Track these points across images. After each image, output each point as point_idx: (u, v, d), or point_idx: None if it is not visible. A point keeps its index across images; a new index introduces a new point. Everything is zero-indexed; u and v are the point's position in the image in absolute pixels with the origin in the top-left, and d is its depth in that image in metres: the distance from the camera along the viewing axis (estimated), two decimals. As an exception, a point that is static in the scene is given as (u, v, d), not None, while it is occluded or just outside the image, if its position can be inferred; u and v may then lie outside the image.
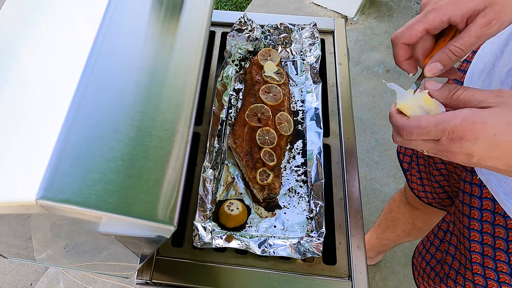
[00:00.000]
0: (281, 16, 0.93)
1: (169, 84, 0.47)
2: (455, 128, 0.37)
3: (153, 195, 0.38)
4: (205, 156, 0.72)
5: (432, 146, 0.40)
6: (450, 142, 0.38)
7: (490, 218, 0.57)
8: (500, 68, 0.53)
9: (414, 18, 0.46)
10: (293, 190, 0.73)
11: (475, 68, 0.63)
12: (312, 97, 0.82)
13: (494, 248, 0.57)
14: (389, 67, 1.96)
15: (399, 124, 0.42)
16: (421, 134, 0.40)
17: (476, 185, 0.59)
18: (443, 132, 0.38)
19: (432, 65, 0.45)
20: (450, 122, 0.37)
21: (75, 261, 0.66)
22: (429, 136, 0.39)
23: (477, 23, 0.41)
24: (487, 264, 0.59)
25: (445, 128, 0.38)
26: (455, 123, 0.37)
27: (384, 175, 1.64)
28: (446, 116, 0.38)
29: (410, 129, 0.40)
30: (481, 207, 0.58)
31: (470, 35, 0.42)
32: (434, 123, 0.38)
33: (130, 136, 0.40)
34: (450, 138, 0.38)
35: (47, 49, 0.45)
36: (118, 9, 0.49)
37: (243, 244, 0.64)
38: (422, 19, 0.44)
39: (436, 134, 0.38)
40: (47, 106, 0.40)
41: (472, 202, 0.60)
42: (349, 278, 0.63)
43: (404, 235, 1.16)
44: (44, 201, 0.33)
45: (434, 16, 0.43)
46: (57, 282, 1.38)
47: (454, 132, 0.37)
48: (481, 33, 0.41)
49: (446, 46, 0.44)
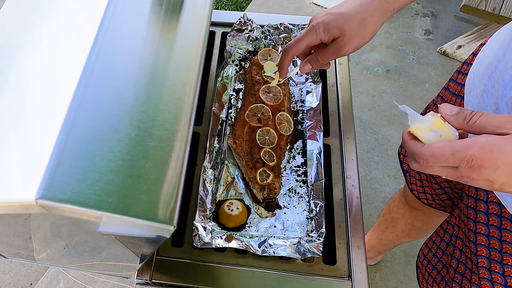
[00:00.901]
0: (281, 16, 0.93)
1: (169, 84, 0.47)
2: (473, 157, 0.36)
3: (152, 195, 0.38)
4: (205, 156, 0.72)
5: (451, 173, 0.40)
6: (469, 170, 0.38)
7: (497, 222, 0.57)
8: (502, 72, 0.53)
9: (300, 34, 0.68)
10: (293, 190, 0.73)
11: (476, 71, 0.63)
12: (312, 97, 0.82)
13: (502, 252, 0.57)
14: (389, 67, 1.96)
15: (414, 151, 0.41)
16: (437, 162, 0.39)
17: (481, 189, 0.59)
18: (461, 160, 0.37)
19: (306, 66, 0.66)
20: (467, 150, 0.37)
21: (75, 261, 0.66)
22: (447, 164, 0.39)
23: (333, 45, 0.62)
24: (494, 269, 0.58)
25: (462, 157, 0.37)
26: (472, 152, 0.36)
27: (384, 175, 1.64)
28: (462, 144, 0.37)
29: (426, 157, 0.40)
30: (487, 211, 0.58)
31: (328, 52, 0.63)
32: (451, 151, 0.38)
33: (130, 136, 0.40)
34: (468, 166, 0.37)
35: (47, 49, 0.45)
36: (118, 9, 0.49)
37: (243, 244, 0.64)
38: (304, 37, 0.63)
39: (454, 162, 0.38)
40: (47, 106, 0.40)
41: (478, 206, 0.59)
42: (349, 278, 0.63)
43: (403, 235, 1.15)
44: (44, 201, 0.33)
45: (313, 36, 0.62)
46: (57, 282, 1.38)
47: (472, 160, 0.37)
48: (334, 53, 0.62)
49: (315, 54, 0.64)
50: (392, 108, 1.82)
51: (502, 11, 1.67)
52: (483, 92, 0.57)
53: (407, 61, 1.99)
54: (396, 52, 2.02)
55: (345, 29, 0.59)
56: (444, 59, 1.99)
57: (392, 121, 1.79)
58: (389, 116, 1.80)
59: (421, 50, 2.03)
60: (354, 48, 0.61)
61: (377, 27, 0.61)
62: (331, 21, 0.60)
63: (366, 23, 0.59)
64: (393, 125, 1.78)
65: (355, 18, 0.59)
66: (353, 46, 0.61)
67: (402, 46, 2.04)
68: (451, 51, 1.98)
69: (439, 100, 0.79)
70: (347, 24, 0.59)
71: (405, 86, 1.90)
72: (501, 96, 0.51)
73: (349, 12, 0.59)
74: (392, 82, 1.91)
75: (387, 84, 1.91)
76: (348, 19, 0.59)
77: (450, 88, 0.75)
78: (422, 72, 1.95)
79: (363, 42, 0.61)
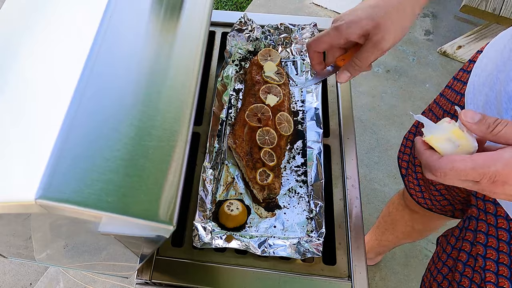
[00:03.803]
0: (281, 16, 0.93)
1: (168, 84, 0.47)
2: (497, 173, 0.35)
3: (152, 195, 0.38)
4: (205, 156, 0.72)
5: (471, 186, 0.38)
6: (492, 185, 0.36)
7: (506, 237, 0.55)
8: (504, 83, 0.51)
9: (324, 30, 0.57)
10: (293, 190, 0.73)
11: (476, 81, 0.61)
12: (312, 97, 0.82)
13: (510, 268, 0.55)
14: (389, 67, 1.96)
15: (430, 163, 0.39)
16: (457, 176, 0.37)
17: (490, 202, 0.57)
18: (483, 175, 0.36)
19: (343, 75, 0.58)
20: (490, 166, 0.35)
21: (75, 261, 0.66)
22: (467, 178, 0.37)
23: (369, 42, 0.52)
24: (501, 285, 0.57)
25: (485, 172, 0.35)
26: (496, 168, 0.35)
27: (384, 175, 1.64)
28: (485, 159, 0.36)
29: (444, 170, 0.38)
30: (496, 225, 0.56)
31: (366, 50, 0.53)
32: (472, 166, 0.36)
33: (130, 135, 0.40)
34: (491, 182, 0.36)
35: (46, 48, 0.45)
36: (118, 9, 0.49)
37: (243, 244, 0.64)
38: (327, 34, 0.55)
39: (475, 177, 0.36)
40: (47, 105, 0.40)
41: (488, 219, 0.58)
42: (349, 278, 0.63)
43: (403, 236, 1.14)
44: (43, 201, 0.33)
45: (335, 34, 0.54)
46: (57, 282, 1.38)
47: (496, 176, 0.35)
48: (373, 49, 0.52)
49: (351, 60, 0.56)
50: (392, 108, 1.82)
51: (502, 11, 1.67)
52: (485, 103, 0.55)
53: (407, 62, 1.99)
54: (396, 52, 2.02)
55: (378, 19, 0.50)
56: (444, 59, 1.99)
57: (392, 121, 1.79)
58: (389, 116, 1.80)
59: (421, 50, 2.03)
60: (394, 38, 0.51)
61: (415, 9, 0.52)
62: (359, 15, 0.52)
63: (404, 6, 0.50)
64: (393, 125, 1.78)
65: (389, 4, 0.51)
66: (393, 36, 0.51)
67: (402, 46, 2.04)
68: (451, 52, 1.98)
69: (435, 107, 0.77)
70: (380, 12, 0.51)
71: (405, 87, 1.90)
72: (505, 109, 0.50)
73: (380, 1, 0.51)
74: (392, 82, 1.91)
75: (387, 84, 1.91)
76: (380, 8, 0.51)
77: (447, 95, 0.73)
78: (422, 73, 1.94)
79: (403, 29, 0.52)
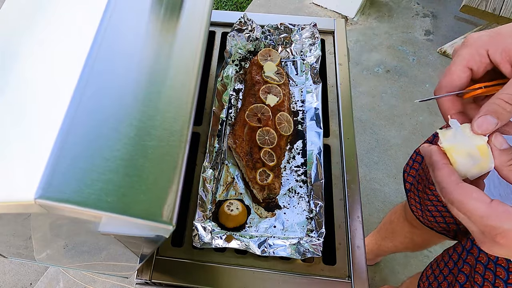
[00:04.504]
0: (281, 16, 0.93)
1: (168, 84, 0.47)
2: (506, 233, 0.31)
3: (152, 195, 0.38)
4: (205, 156, 0.72)
5: (470, 228, 0.34)
6: (492, 242, 0.33)
7: (504, 275, 0.54)
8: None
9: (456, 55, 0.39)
10: (293, 190, 0.73)
11: None
12: (312, 97, 0.82)
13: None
14: (389, 67, 1.96)
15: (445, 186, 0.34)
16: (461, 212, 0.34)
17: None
18: (488, 227, 0.32)
19: (481, 119, 0.35)
20: (503, 223, 0.31)
21: (75, 261, 0.66)
22: (468, 220, 0.33)
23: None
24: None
25: (493, 226, 0.32)
26: (509, 228, 0.31)
27: (384, 175, 1.64)
28: (499, 214, 0.31)
29: (452, 200, 0.34)
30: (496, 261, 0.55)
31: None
32: (481, 214, 0.32)
33: (129, 135, 0.40)
34: (493, 240, 0.32)
35: (46, 48, 0.45)
36: (118, 9, 0.49)
37: (243, 244, 0.64)
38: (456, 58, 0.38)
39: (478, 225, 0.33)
40: (46, 105, 0.40)
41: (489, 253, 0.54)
42: (349, 278, 0.63)
43: (402, 247, 1.13)
44: (43, 201, 0.33)
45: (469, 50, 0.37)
46: (57, 282, 1.38)
47: (504, 236, 0.31)
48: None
49: (496, 95, 0.35)
50: (392, 108, 1.82)
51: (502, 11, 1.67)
52: None
53: (407, 62, 1.99)
54: (396, 52, 2.02)
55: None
56: (444, 59, 1.99)
57: (392, 121, 1.79)
58: (389, 116, 1.80)
59: (421, 50, 2.03)
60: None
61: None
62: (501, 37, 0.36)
63: None
64: (393, 125, 1.78)
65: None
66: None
67: (402, 46, 2.04)
68: (451, 52, 1.98)
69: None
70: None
71: (405, 87, 1.90)
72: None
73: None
74: (392, 83, 1.91)
75: (387, 84, 1.91)
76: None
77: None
78: (422, 73, 1.94)
79: None
